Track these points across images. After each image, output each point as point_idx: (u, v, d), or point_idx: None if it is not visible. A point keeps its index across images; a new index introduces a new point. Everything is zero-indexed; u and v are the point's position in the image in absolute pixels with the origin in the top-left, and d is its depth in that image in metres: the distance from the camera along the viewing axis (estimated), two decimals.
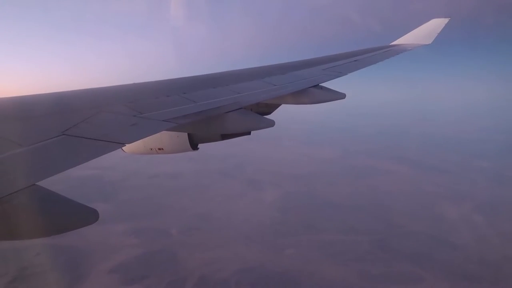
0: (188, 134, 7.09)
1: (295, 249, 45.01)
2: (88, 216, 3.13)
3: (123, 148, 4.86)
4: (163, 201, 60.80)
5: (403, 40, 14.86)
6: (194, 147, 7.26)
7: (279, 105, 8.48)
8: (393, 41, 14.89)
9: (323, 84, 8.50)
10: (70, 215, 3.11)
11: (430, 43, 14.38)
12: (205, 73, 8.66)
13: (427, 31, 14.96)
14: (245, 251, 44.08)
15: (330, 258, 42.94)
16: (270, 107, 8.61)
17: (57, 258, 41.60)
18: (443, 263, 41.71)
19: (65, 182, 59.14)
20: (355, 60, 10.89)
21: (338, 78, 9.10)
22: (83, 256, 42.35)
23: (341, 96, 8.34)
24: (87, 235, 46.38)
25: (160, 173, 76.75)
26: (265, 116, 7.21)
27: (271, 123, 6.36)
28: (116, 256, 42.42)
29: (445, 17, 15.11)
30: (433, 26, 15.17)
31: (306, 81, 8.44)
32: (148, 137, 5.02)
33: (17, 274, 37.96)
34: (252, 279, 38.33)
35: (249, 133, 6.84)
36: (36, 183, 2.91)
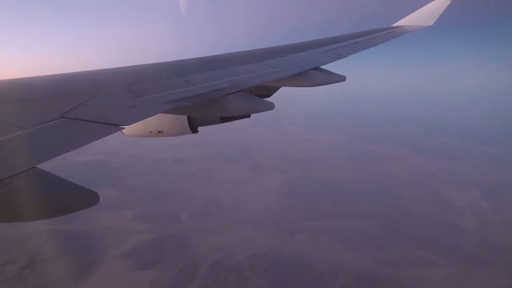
0: (188, 117, 7.09)
1: (306, 234, 45.09)
2: (88, 198, 3.15)
3: (122, 130, 4.66)
4: (170, 187, 60.69)
5: (405, 21, 14.57)
6: (194, 130, 7.25)
7: (279, 87, 8.45)
8: (394, 23, 14.43)
9: (323, 67, 8.45)
10: (70, 197, 3.15)
11: (432, 24, 14.09)
12: (205, 56, 8.43)
13: (429, 12, 14.60)
14: (256, 236, 44.13)
15: (341, 243, 43.04)
16: (270, 90, 8.58)
17: (68, 244, 41.64)
18: (453, 248, 41.93)
19: (70, 168, 59.24)
20: (355, 42, 10.78)
21: (338, 61, 9.02)
22: (95, 241, 42.38)
23: (341, 78, 8.28)
24: (97, 220, 46.41)
25: (165, 159, 76.58)
26: (264, 99, 7.00)
27: (271, 106, 6.35)
28: (128, 241, 42.44)
29: None
30: (435, 7, 14.81)
31: (306, 64, 8.35)
32: (147, 120, 5.33)
33: (29, 259, 37.99)
34: (265, 264, 38.43)
35: (248, 116, 6.82)
36: (36, 166, 2.89)
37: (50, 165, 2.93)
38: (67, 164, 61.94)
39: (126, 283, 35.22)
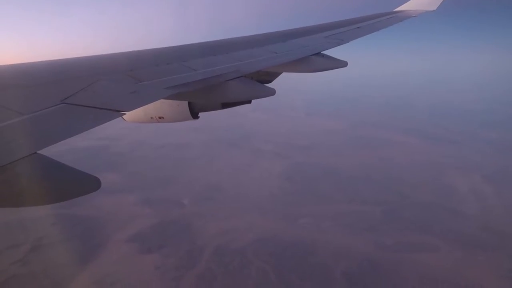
0: (189, 103, 7.05)
1: (309, 219, 45.30)
2: (90, 183, 3.15)
3: (123, 116, 4.61)
4: (172, 172, 60.78)
5: (407, 6, 14.43)
6: (195, 115, 7.23)
7: (280, 73, 8.40)
8: (397, 7, 14.30)
9: (325, 52, 8.38)
10: (72, 182, 3.15)
11: (435, 9, 13.95)
12: (205, 41, 8.36)
13: None
14: (259, 221, 44.34)
15: (343, 228, 43.26)
16: (271, 76, 8.53)
17: (73, 228, 41.90)
18: (455, 233, 42.17)
19: (72, 153, 59.13)
20: (357, 27, 10.69)
21: (340, 46, 8.97)
22: (99, 225, 42.61)
23: (343, 64, 8.21)
24: (100, 205, 46.59)
25: (167, 144, 76.54)
26: (266, 85, 7.02)
27: (272, 92, 6.33)
28: (131, 225, 42.66)
29: None
30: None
31: (308, 49, 8.32)
32: (148, 106, 5.13)
33: (35, 243, 38.24)
34: (268, 248, 38.69)
35: (249, 102, 6.84)
36: (37, 152, 2.89)
37: (51, 151, 2.97)
38: (69, 150, 61.81)
39: (131, 266, 35.52)
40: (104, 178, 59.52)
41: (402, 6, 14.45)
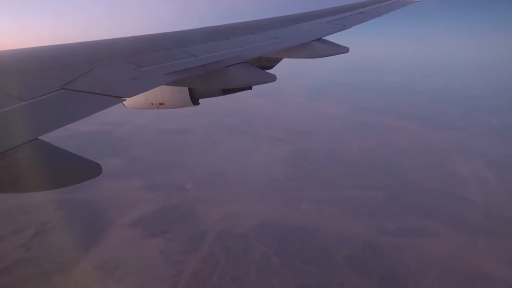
0: (189, 89, 7.02)
1: (311, 204, 45.47)
2: (91, 169, 3.15)
3: (123, 102, 4.60)
4: (174, 157, 60.83)
5: None
6: (195, 102, 7.23)
7: (281, 59, 8.34)
8: None
9: (326, 38, 8.31)
10: (72, 168, 3.16)
11: None
12: (206, 26, 8.32)
13: None
14: (261, 206, 44.52)
15: (346, 213, 43.47)
16: (272, 61, 8.47)
17: (76, 213, 42.11)
18: (457, 218, 42.38)
19: (73, 138, 59.17)
20: (360, 13, 10.62)
21: (342, 31, 8.90)
22: (102, 210, 42.83)
23: (344, 50, 8.13)
24: (103, 190, 46.74)
25: (168, 129, 76.42)
26: (266, 71, 6.97)
27: (273, 78, 6.26)
28: (134, 210, 42.87)
29: None
30: None
31: (309, 35, 8.25)
32: (148, 92, 5.06)
33: (39, 227, 38.49)
34: (271, 233, 38.93)
35: (250, 88, 6.77)
36: (38, 138, 2.89)
37: (52, 136, 2.99)
38: (71, 135, 61.85)
39: (135, 250, 35.82)
40: (107, 163, 59.63)
41: None
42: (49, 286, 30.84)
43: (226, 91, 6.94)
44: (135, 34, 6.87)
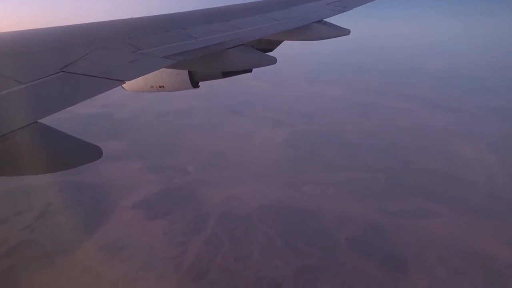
0: (189, 72, 7.01)
1: (312, 186, 45.64)
2: (91, 152, 3.19)
3: (123, 85, 4.52)
4: (175, 139, 60.84)
5: None
6: (195, 84, 7.22)
7: (281, 41, 8.24)
8: None
9: (327, 20, 8.23)
10: (73, 151, 3.17)
11: None
12: (205, 7, 8.11)
13: None
14: (263, 188, 44.70)
15: (347, 195, 43.69)
16: (272, 44, 8.37)
17: (79, 195, 42.32)
18: (458, 200, 42.62)
19: (74, 120, 58.91)
20: None
21: (343, 13, 8.77)
22: (105, 192, 43.03)
23: (346, 32, 8.05)
24: (106, 172, 46.89)
25: (169, 111, 76.12)
26: (266, 53, 6.90)
27: (273, 60, 6.22)
28: (137, 192, 43.05)
29: None
30: None
31: (310, 17, 8.14)
32: (148, 75, 5.06)
33: (43, 209, 38.70)
34: (273, 214, 39.20)
35: (250, 71, 6.75)
36: (38, 121, 2.88)
37: (53, 118, 2.96)
38: (71, 117, 61.62)
39: (139, 232, 36.14)
40: (108, 145, 59.49)
41: None
42: (54, 267, 31.18)
43: (226, 74, 6.93)
44: (134, 16, 6.76)
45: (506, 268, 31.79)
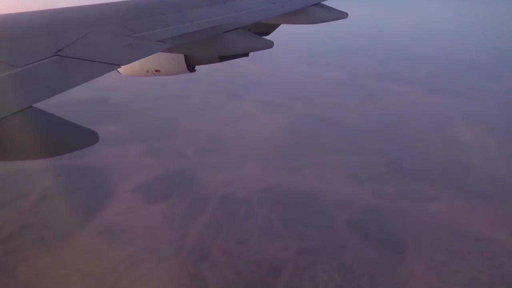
0: (185, 56, 6.96)
1: (311, 169, 45.76)
2: (88, 137, 3.18)
3: (118, 70, 4.49)
4: (173, 122, 60.53)
5: None
6: (191, 69, 7.20)
7: (278, 25, 8.14)
8: None
9: (325, 3, 8.13)
10: (69, 136, 3.16)
11: None
12: None
13: None
14: (263, 172, 44.81)
15: (346, 178, 43.88)
16: (269, 27, 8.27)
17: (78, 179, 42.28)
18: (456, 183, 42.93)
19: (71, 105, 58.42)
20: None
21: None
22: (104, 176, 42.99)
23: (343, 15, 7.99)
24: (104, 156, 46.74)
25: (166, 95, 75.47)
26: (264, 37, 6.89)
27: (270, 44, 6.20)
28: (136, 176, 43.03)
29: None
30: None
31: (307, 0, 8.04)
32: (144, 59, 4.96)
33: (43, 193, 38.63)
34: (272, 197, 39.41)
35: (247, 55, 6.70)
36: (33, 105, 2.87)
37: (48, 102, 2.95)
38: (67, 101, 60.94)
39: (139, 215, 36.27)
40: (105, 129, 59.09)
41: None
42: (54, 251, 31.36)
43: (222, 58, 6.87)
44: None
45: (503, 251, 32.25)
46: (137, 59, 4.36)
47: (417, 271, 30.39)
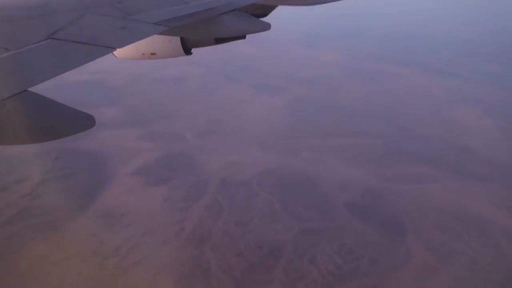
0: (181, 38, 6.86)
1: (311, 152, 45.75)
2: (84, 121, 3.19)
3: (114, 52, 4.37)
4: (171, 106, 60.09)
5: None
6: (187, 51, 7.16)
7: (275, 6, 7.94)
8: None
9: None
10: (65, 120, 3.15)
11: None
12: None
13: None
14: (262, 155, 44.74)
15: (346, 161, 43.94)
16: (266, 9, 8.21)
17: (77, 162, 42.09)
18: (455, 165, 43.13)
19: (67, 88, 57.86)
20: None
21: None
22: (103, 159, 42.79)
23: None
24: (102, 139, 46.50)
25: (163, 78, 74.68)
26: (261, 19, 6.73)
27: (267, 26, 6.13)
28: (136, 159, 42.87)
29: None
30: None
31: None
32: (139, 42, 4.87)
33: (41, 177, 38.45)
34: (272, 180, 39.49)
35: (244, 37, 6.57)
36: (28, 89, 2.86)
37: (43, 86, 2.90)
38: (63, 84, 60.25)
39: (139, 198, 36.28)
40: (103, 112, 58.62)
41: None
42: (56, 234, 31.43)
43: (219, 40, 6.75)
44: None
45: (501, 232, 32.63)
46: (133, 42, 4.23)
47: (416, 252, 30.75)
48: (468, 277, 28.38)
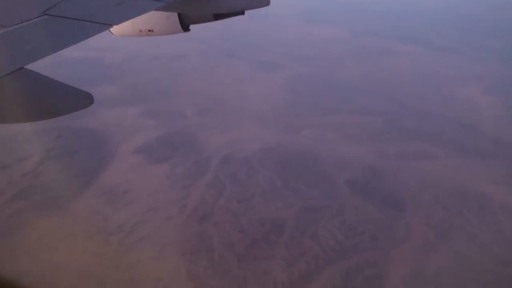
0: (179, 14, 6.69)
1: (312, 129, 45.75)
2: (82, 99, 3.15)
3: (111, 30, 4.25)
4: (170, 83, 59.65)
5: None
6: (186, 28, 6.97)
7: None
8: None
9: None
10: (63, 98, 3.11)
11: None
12: None
13: None
14: (263, 132, 44.76)
15: (346, 138, 44.03)
16: None
17: (78, 141, 42.07)
18: (455, 142, 43.28)
19: (65, 65, 57.08)
20: None
21: None
22: (104, 138, 42.78)
23: None
24: (102, 117, 46.36)
25: (162, 55, 73.73)
26: None
27: (267, 2, 6.04)
28: (137, 137, 42.86)
29: None
30: None
31: None
32: (136, 18, 4.80)
33: (43, 155, 38.51)
34: (273, 157, 39.62)
35: (243, 13, 6.49)
36: (24, 67, 2.79)
37: (39, 63, 2.85)
38: (60, 61, 59.47)
39: (141, 176, 36.47)
40: (102, 90, 58.17)
41: None
42: (60, 212, 31.74)
43: (217, 16, 6.62)
44: None
45: (501, 207, 33.03)
46: (130, 19, 4.16)
47: (416, 228, 31.20)
48: (467, 252, 28.90)
